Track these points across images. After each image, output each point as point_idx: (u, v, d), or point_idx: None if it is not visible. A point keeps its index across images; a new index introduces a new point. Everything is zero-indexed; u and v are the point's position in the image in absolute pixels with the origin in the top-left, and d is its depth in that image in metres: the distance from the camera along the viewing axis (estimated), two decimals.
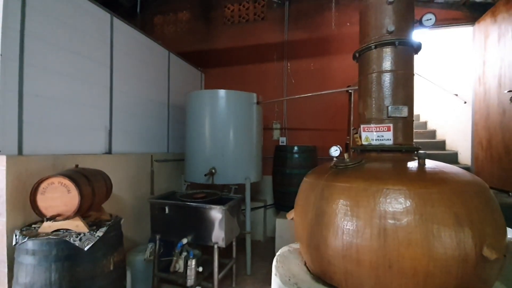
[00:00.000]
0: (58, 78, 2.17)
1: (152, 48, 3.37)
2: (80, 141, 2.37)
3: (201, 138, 3.10)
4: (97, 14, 2.53)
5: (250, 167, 3.19)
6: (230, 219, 2.47)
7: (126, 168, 2.84)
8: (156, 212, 2.61)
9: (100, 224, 1.86)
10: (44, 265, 1.57)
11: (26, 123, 1.92)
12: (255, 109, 3.23)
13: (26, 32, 1.91)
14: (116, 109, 2.75)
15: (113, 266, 1.82)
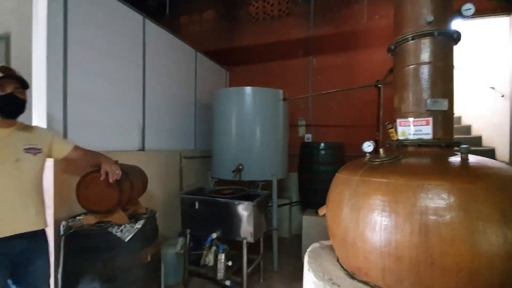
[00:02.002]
0: (97, 79, 2.30)
1: (180, 48, 3.47)
2: (117, 138, 2.50)
3: (228, 135, 3.15)
4: (131, 16, 2.65)
5: (277, 164, 3.20)
6: (258, 215, 2.50)
7: (157, 164, 2.95)
8: (186, 207, 2.69)
9: (137, 217, 1.95)
10: (89, 254, 1.68)
11: (70, 121, 2.06)
12: (281, 105, 3.23)
13: (68, 36, 2.05)
14: (148, 108, 2.87)
15: (149, 257, 1.91)
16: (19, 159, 1.42)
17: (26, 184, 1.44)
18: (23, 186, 1.43)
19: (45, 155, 1.56)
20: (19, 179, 1.42)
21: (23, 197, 1.43)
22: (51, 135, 1.65)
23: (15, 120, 1.50)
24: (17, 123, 1.52)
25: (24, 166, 1.43)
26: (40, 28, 1.91)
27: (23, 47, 2.03)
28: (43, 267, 1.52)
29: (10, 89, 1.39)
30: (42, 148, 1.53)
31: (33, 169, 1.48)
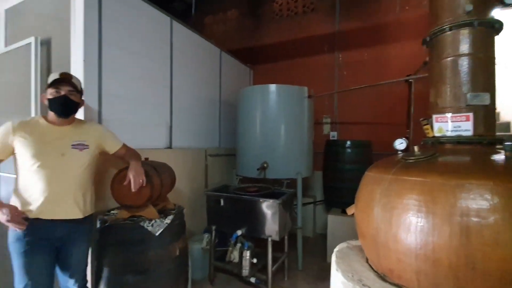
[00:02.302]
0: (128, 79, 2.41)
1: (206, 48, 3.53)
2: (146, 137, 2.60)
3: (252, 133, 3.16)
4: (159, 18, 2.73)
5: (301, 162, 3.16)
6: (284, 213, 2.49)
7: (184, 162, 3.03)
8: (212, 204, 2.74)
9: (167, 213, 2.02)
10: (123, 246, 1.77)
11: (104, 120, 2.17)
12: (306, 103, 3.18)
13: (102, 39, 2.15)
14: (175, 107, 2.95)
15: (178, 252, 1.97)
16: (64, 154, 1.57)
17: (69, 176, 1.58)
18: (66, 178, 1.57)
19: (93, 151, 1.70)
20: (63, 172, 1.56)
21: (64, 187, 1.57)
22: (102, 132, 1.78)
23: (71, 118, 1.66)
24: (74, 121, 1.68)
25: (69, 160, 1.58)
26: (78, 33, 2.03)
27: (62, 51, 2.16)
28: (77, 254, 1.65)
29: (64, 92, 1.56)
30: (90, 145, 1.67)
31: (78, 163, 1.62)
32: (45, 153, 1.53)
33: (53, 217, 1.54)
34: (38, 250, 1.52)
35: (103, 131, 1.80)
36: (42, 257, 1.53)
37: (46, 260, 1.55)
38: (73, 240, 1.63)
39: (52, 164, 1.54)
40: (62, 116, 1.60)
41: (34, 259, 1.52)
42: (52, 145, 1.56)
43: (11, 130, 1.52)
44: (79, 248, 1.67)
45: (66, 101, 1.57)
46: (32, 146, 1.52)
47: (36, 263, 1.52)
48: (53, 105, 1.57)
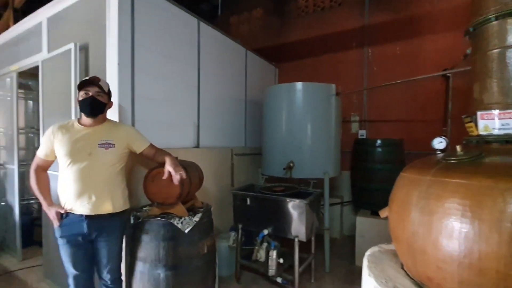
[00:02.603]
0: (158, 80, 2.49)
1: (231, 47, 3.56)
2: (175, 136, 2.68)
3: (278, 132, 3.14)
4: (187, 20, 2.79)
5: (329, 162, 3.09)
6: (311, 213, 2.44)
7: (210, 161, 3.08)
8: (238, 203, 2.76)
9: (195, 210, 2.07)
10: (154, 242, 1.83)
11: (137, 121, 2.26)
12: (334, 100, 3.10)
13: (135, 42, 2.24)
14: (202, 107, 3.01)
15: (206, 249, 2.00)
16: (91, 153, 1.67)
17: (95, 174, 1.69)
18: (93, 176, 1.68)
19: (119, 150, 1.77)
20: (90, 169, 1.67)
21: (91, 184, 1.67)
22: (129, 132, 1.86)
23: (101, 119, 1.77)
24: (104, 122, 1.79)
25: (95, 159, 1.68)
26: (112, 37, 2.13)
27: (98, 55, 2.28)
28: (109, 247, 1.74)
29: (92, 93, 1.66)
30: (116, 144, 1.74)
31: (104, 161, 1.71)
32: (75, 152, 1.66)
33: (82, 213, 1.66)
34: (73, 243, 1.69)
35: (130, 131, 1.87)
36: (77, 250, 1.70)
37: (82, 253, 1.71)
38: (104, 234, 1.73)
39: (81, 162, 1.66)
40: (91, 116, 1.71)
41: (72, 252, 1.70)
42: (82, 145, 1.68)
43: (51, 132, 1.72)
44: (110, 241, 1.75)
45: (94, 101, 1.67)
46: (65, 146, 1.67)
47: (73, 255, 1.70)
48: (83, 106, 1.69)
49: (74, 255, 1.70)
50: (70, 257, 1.71)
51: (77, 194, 1.66)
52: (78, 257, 1.71)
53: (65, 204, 1.70)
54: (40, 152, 1.76)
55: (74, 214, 1.67)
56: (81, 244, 1.70)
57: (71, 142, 1.68)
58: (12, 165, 3.41)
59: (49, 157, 1.75)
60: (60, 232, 1.69)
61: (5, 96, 3.70)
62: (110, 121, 1.85)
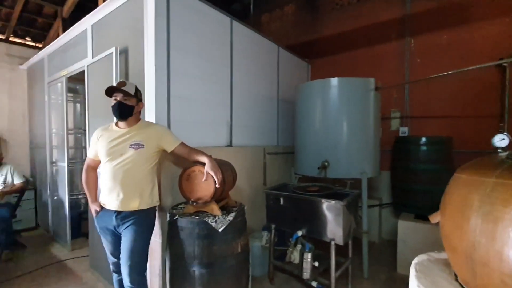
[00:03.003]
0: (191, 80, 2.52)
1: (263, 45, 3.52)
2: (208, 135, 2.70)
3: (312, 130, 3.03)
4: (220, 19, 2.81)
5: (367, 161, 2.91)
6: (348, 216, 2.32)
7: (243, 160, 3.07)
8: (271, 203, 2.71)
9: (229, 209, 2.06)
10: (189, 240, 1.85)
11: (173, 120, 2.32)
12: (373, 96, 2.91)
13: (171, 44, 2.30)
14: (235, 105, 3.01)
15: (240, 248, 1.98)
16: (123, 154, 1.80)
17: (124, 173, 1.79)
18: (123, 174, 1.79)
19: (149, 150, 1.85)
20: (120, 169, 1.80)
21: (121, 182, 1.79)
22: (160, 132, 1.91)
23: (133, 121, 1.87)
24: (136, 123, 1.88)
25: (126, 159, 1.79)
26: (149, 40, 2.20)
27: (137, 57, 2.38)
28: (133, 242, 1.78)
29: (119, 98, 1.80)
30: (146, 145, 1.83)
31: (134, 161, 1.80)
32: (110, 152, 1.81)
33: (112, 208, 1.81)
34: (105, 234, 1.90)
35: (160, 131, 1.93)
36: (111, 239, 1.90)
37: (116, 242, 1.89)
38: (129, 229, 1.81)
39: (114, 161, 1.80)
40: (121, 119, 1.85)
41: (107, 241, 1.92)
42: (115, 146, 1.82)
43: (96, 135, 1.93)
44: (135, 236, 1.80)
45: (121, 105, 1.79)
46: (103, 146, 1.84)
47: (109, 244, 1.92)
48: (113, 111, 1.83)
49: (109, 244, 1.91)
50: (106, 246, 1.94)
51: (109, 190, 1.83)
52: (113, 245, 1.91)
53: (100, 199, 1.89)
54: (89, 153, 2.00)
55: (107, 208, 1.84)
56: (114, 235, 1.88)
57: (108, 143, 1.83)
58: (63, 162, 3.70)
59: (96, 157, 1.94)
60: (97, 223, 1.91)
61: (57, 100, 4.04)
62: (143, 122, 1.95)
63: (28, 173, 4.86)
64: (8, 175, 3.61)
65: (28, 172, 4.89)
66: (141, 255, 1.84)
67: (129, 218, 1.81)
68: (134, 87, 1.87)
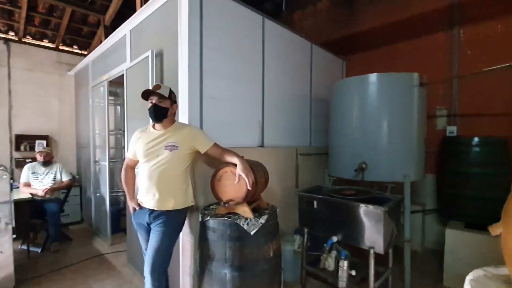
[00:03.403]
0: (223, 80, 2.51)
1: (296, 42, 3.42)
2: (240, 135, 2.68)
3: (348, 130, 2.87)
4: (252, 18, 2.77)
5: (410, 163, 2.68)
6: (389, 222, 2.14)
7: (275, 161, 3.00)
8: (304, 206, 2.61)
9: (260, 212, 2.00)
10: (221, 241, 1.83)
11: (205, 121, 2.32)
12: (417, 92, 2.67)
13: (203, 44, 2.30)
14: (267, 105, 2.95)
15: (272, 252, 1.92)
16: (159, 155, 1.85)
17: (159, 174, 1.84)
18: (158, 175, 1.84)
19: (182, 151, 1.88)
20: (156, 169, 1.85)
21: (156, 182, 1.84)
22: (193, 133, 1.93)
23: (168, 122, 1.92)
24: (172, 125, 1.93)
25: (161, 160, 1.84)
26: (183, 40, 2.22)
27: (171, 59, 2.42)
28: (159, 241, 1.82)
29: (154, 101, 1.85)
30: (179, 146, 1.86)
31: (168, 162, 1.84)
32: (147, 154, 1.88)
33: (148, 207, 1.88)
34: (140, 231, 1.99)
35: (194, 132, 1.95)
36: (143, 236, 1.99)
37: (146, 240, 1.96)
38: (158, 228, 1.84)
39: (151, 162, 1.86)
40: (156, 121, 1.91)
41: (142, 237, 2.01)
42: (152, 147, 1.88)
43: (134, 136, 2.03)
44: (161, 236, 1.82)
45: (156, 108, 1.85)
46: (141, 148, 1.91)
47: (142, 240, 2.01)
48: (149, 113, 1.89)
49: (144, 240, 1.99)
50: (141, 241, 2.02)
51: (145, 190, 1.89)
52: (146, 242, 1.96)
53: (138, 197, 1.96)
54: (128, 153, 2.11)
55: (144, 206, 1.91)
56: (147, 232, 1.94)
57: (145, 144, 1.90)
58: (104, 162, 3.93)
59: (134, 157, 2.03)
60: (133, 219, 2.00)
61: (100, 103, 4.30)
62: (177, 124, 1.98)
63: (74, 171, 5.25)
64: (57, 173, 3.91)
65: (74, 170, 5.29)
66: (164, 255, 1.86)
67: (160, 217, 1.86)
68: (168, 89, 1.91)
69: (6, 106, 4.69)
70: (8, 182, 2.60)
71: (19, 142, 4.76)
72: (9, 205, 2.62)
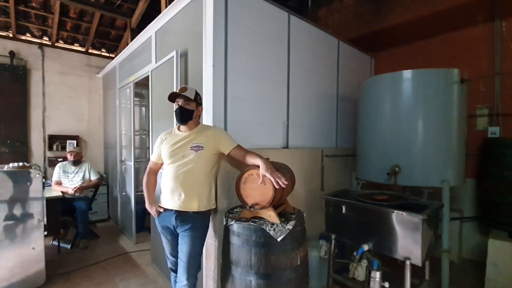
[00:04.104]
0: (247, 79, 2.44)
1: (322, 39, 3.28)
2: (264, 136, 2.60)
3: (379, 131, 2.70)
4: (277, 15, 2.68)
5: (448, 167, 2.47)
6: (428, 231, 1.97)
7: (299, 163, 2.89)
8: (332, 210, 2.48)
9: (287, 216, 1.91)
10: (246, 247, 1.76)
11: (229, 122, 2.26)
12: (457, 90, 2.46)
13: (228, 42, 2.25)
14: (292, 105, 2.85)
15: (299, 260, 1.82)
16: (184, 156, 1.83)
17: (185, 174, 1.82)
18: (183, 176, 1.82)
19: (208, 152, 1.85)
20: (182, 170, 1.83)
21: (181, 183, 1.82)
22: (217, 134, 1.91)
23: (193, 124, 1.90)
24: (197, 126, 1.92)
25: (187, 161, 1.83)
26: (208, 39, 2.18)
27: (196, 60, 2.39)
28: (188, 243, 1.81)
29: (180, 103, 1.84)
30: (205, 147, 1.84)
31: (193, 163, 1.83)
32: (173, 155, 1.87)
33: (173, 208, 1.84)
34: (165, 233, 1.95)
35: (217, 133, 1.93)
36: (170, 238, 1.95)
37: (171, 242, 1.96)
38: (188, 231, 1.82)
39: (176, 163, 1.85)
40: (181, 123, 1.90)
41: (166, 240, 1.97)
42: (177, 148, 1.87)
43: (159, 139, 2.02)
44: (192, 239, 1.82)
45: (182, 110, 1.84)
46: (166, 149, 1.91)
47: (168, 243, 1.98)
48: (175, 115, 1.89)
49: (169, 243, 1.97)
50: (166, 244, 2.00)
51: (171, 191, 1.86)
52: (171, 245, 1.97)
53: (161, 198, 1.93)
54: (152, 157, 2.10)
55: (168, 208, 1.87)
56: (173, 234, 1.92)
57: (170, 145, 1.90)
58: (130, 161, 4.01)
59: (158, 160, 2.03)
60: (158, 222, 1.97)
61: (126, 104, 4.40)
62: (202, 126, 1.98)
63: (102, 171, 5.44)
64: (86, 172, 4.05)
65: (102, 169, 5.47)
66: (197, 258, 1.87)
67: (187, 222, 1.83)
68: (194, 92, 1.89)
69: (41, 108, 4.94)
70: (40, 181, 2.70)
71: (51, 142, 4.99)
72: (42, 202, 2.72)
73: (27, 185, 2.62)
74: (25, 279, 2.62)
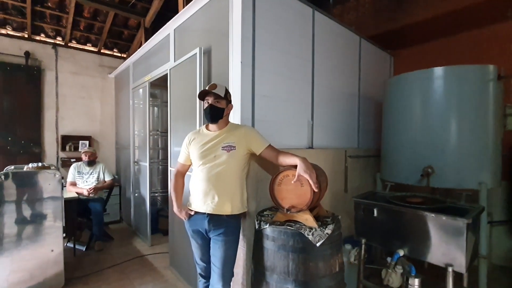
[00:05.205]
0: (274, 77, 2.36)
1: (345, 36, 3.18)
2: (289, 136, 2.50)
3: (408, 131, 2.59)
4: (302, 10, 2.59)
5: (485, 168, 2.36)
6: (472, 236, 1.85)
7: (324, 163, 2.77)
8: (361, 213, 2.37)
9: (321, 220, 1.81)
10: (282, 252, 1.66)
11: (257, 120, 2.18)
12: (492, 87, 2.34)
13: (256, 39, 2.16)
14: (316, 104, 2.75)
15: (338, 267, 1.72)
16: (216, 156, 1.75)
17: (217, 176, 1.73)
18: (215, 177, 1.73)
19: (240, 152, 1.76)
20: (213, 171, 1.74)
21: (213, 185, 1.73)
22: (249, 134, 1.81)
23: (223, 123, 1.81)
24: (227, 125, 1.83)
25: (218, 161, 1.74)
26: (236, 35, 2.09)
27: (220, 57, 2.31)
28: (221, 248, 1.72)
29: (210, 101, 1.75)
30: (237, 146, 1.75)
31: (225, 163, 1.73)
32: (204, 156, 1.78)
33: (205, 211, 1.74)
34: (196, 237, 1.85)
35: (249, 132, 1.83)
36: (202, 243, 1.85)
37: (202, 247, 1.85)
38: (221, 235, 1.73)
39: (207, 164, 1.75)
40: (212, 122, 1.80)
41: (197, 245, 1.87)
42: (208, 148, 1.78)
43: (187, 139, 1.92)
44: (226, 243, 1.73)
45: (212, 108, 1.75)
46: (196, 150, 1.82)
47: (198, 248, 1.87)
48: (205, 114, 1.80)
49: (199, 247, 1.86)
50: (196, 249, 1.89)
51: (203, 193, 1.76)
52: (202, 250, 1.86)
53: (191, 201, 1.84)
54: (180, 158, 1.98)
55: (199, 211, 1.78)
56: (204, 238, 1.83)
57: (200, 146, 1.81)
58: (144, 162, 3.94)
59: (187, 161, 1.95)
60: (189, 226, 1.86)
61: (139, 104, 4.35)
62: (232, 124, 1.89)
63: (114, 171, 5.38)
64: (101, 173, 3.99)
65: (114, 170, 5.42)
66: (232, 264, 1.79)
67: (221, 226, 1.74)
68: (224, 89, 1.79)
69: (54, 109, 4.91)
70: (60, 181, 2.64)
71: (64, 143, 4.95)
72: (60, 203, 2.65)
73: (47, 186, 2.55)
74: (44, 281, 2.55)
